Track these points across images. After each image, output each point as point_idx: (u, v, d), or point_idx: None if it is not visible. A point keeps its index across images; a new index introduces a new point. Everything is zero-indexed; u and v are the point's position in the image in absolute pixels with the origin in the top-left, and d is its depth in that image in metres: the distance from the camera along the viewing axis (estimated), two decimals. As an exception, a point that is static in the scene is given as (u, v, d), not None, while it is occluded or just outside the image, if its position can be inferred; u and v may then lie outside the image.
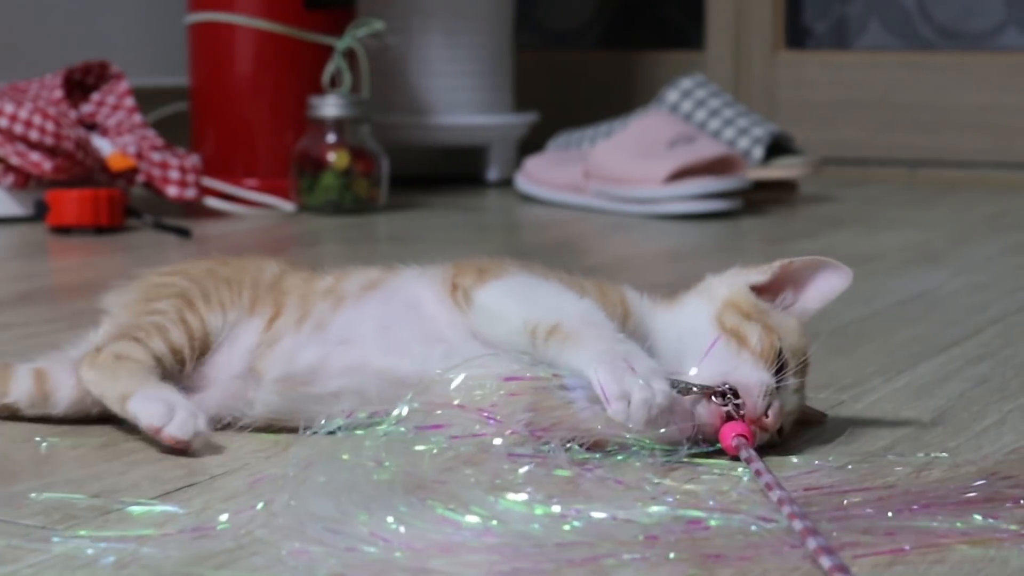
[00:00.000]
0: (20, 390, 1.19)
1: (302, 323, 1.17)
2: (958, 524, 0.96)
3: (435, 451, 1.02)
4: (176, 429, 1.11)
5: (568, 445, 1.05)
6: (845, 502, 0.99)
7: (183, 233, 2.38)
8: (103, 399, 1.15)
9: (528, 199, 2.89)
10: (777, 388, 1.11)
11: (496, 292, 1.13)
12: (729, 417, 1.10)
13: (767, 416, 1.10)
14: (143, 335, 1.17)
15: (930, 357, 1.52)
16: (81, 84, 2.66)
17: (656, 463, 1.05)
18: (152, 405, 1.11)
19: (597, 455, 1.06)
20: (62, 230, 2.40)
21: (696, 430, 1.10)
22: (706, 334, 1.13)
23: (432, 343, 1.13)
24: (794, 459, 1.12)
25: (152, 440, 1.13)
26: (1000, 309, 1.80)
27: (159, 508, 1.00)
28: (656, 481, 1.02)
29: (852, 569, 0.87)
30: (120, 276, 1.26)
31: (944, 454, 1.15)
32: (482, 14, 3.12)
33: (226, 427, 1.18)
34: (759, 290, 1.17)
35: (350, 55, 2.71)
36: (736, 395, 1.10)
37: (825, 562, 0.87)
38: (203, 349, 1.18)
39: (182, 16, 2.83)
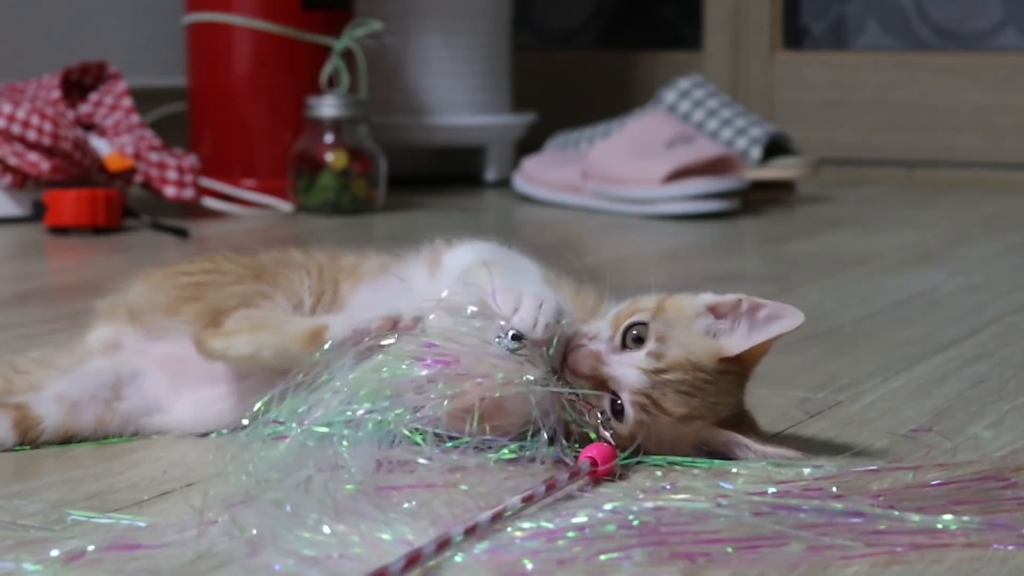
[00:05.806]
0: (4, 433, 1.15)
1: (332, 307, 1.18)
2: (956, 524, 0.96)
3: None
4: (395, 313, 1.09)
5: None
6: (843, 503, 0.99)
7: (181, 233, 2.38)
8: (260, 354, 1.12)
9: (526, 199, 2.89)
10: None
11: (461, 250, 1.20)
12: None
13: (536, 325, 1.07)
14: (253, 302, 1.15)
15: (928, 357, 1.52)
16: (79, 84, 2.66)
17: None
18: (351, 321, 1.09)
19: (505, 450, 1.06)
20: (60, 230, 2.40)
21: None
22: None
23: None
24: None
25: (150, 441, 1.13)
26: (997, 309, 1.80)
27: (155, 510, 1.00)
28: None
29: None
30: (118, 276, 1.25)
31: (941, 455, 1.15)
32: (480, 14, 3.12)
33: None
34: (719, 311, 1.12)
35: (348, 55, 2.71)
36: (614, 409, 1.08)
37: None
38: None
39: (180, 16, 2.83)
